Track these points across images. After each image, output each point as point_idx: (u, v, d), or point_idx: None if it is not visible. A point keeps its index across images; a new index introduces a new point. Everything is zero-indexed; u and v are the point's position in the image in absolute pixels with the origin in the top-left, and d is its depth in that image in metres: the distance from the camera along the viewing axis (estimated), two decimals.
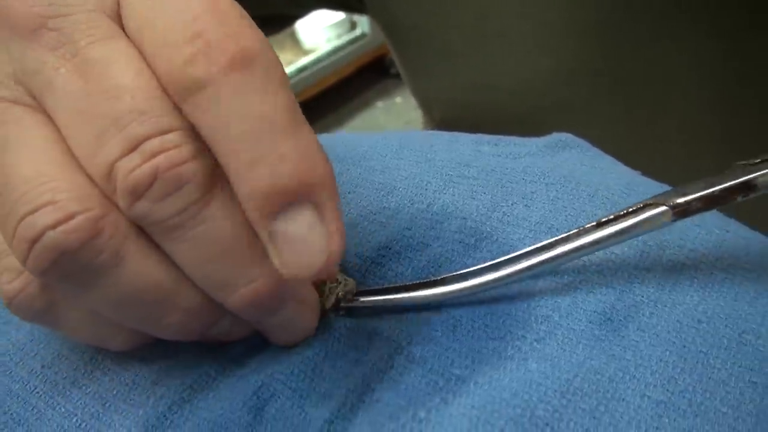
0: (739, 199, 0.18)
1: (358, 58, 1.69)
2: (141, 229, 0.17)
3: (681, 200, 0.18)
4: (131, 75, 0.16)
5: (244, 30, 0.16)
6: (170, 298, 0.17)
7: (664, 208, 0.18)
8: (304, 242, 0.16)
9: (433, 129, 0.51)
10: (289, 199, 0.16)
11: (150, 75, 0.16)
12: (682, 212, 0.18)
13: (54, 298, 0.18)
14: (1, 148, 0.17)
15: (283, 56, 1.60)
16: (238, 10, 0.16)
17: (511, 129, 0.33)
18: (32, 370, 0.21)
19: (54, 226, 0.15)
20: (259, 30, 0.16)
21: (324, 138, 0.31)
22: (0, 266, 0.18)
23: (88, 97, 0.16)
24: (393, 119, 1.70)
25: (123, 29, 0.17)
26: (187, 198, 0.16)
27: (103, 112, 0.16)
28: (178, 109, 0.16)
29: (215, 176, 0.16)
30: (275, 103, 0.16)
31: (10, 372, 0.21)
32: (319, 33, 1.63)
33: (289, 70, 1.57)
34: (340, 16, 1.61)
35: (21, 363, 0.21)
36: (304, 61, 1.61)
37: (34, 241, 0.16)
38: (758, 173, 0.18)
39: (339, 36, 1.64)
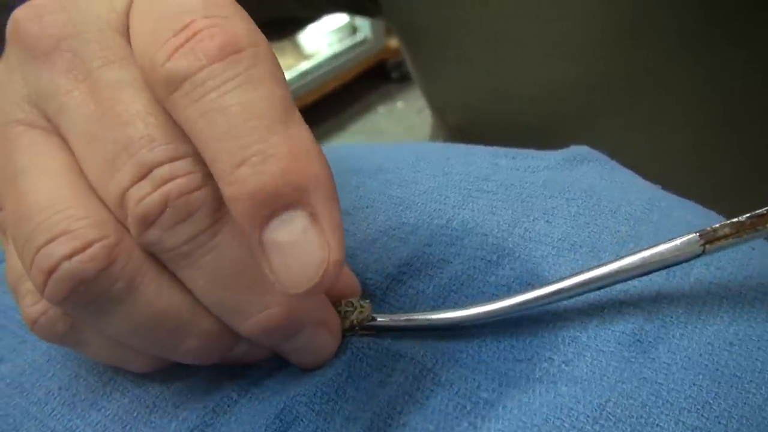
0: None
1: (359, 63, 1.69)
2: (155, 256, 0.17)
3: (709, 228, 0.18)
4: (143, 100, 0.16)
5: (232, 20, 0.15)
6: (186, 325, 0.17)
7: (692, 235, 0.18)
8: (297, 252, 0.14)
9: (446, 134, 0.51)
10: (279, 203, 0.14)
11: None
12: (709, 239, 0.18)
13: (75, 321, 0.18)
14: (17, 174, 0.17)
15: (284, 61, 1.60)
16: (231, 3, 0.16)
17: (528, 137, 0.33)
18: (49, 391, 0.20)
19: (70, 256, 0.15)
20: (251, 21, 0.16)
21: (336, 149, 0.31)
22: (22, 289, 0.18)
23: (100, 122, 0.16)
24: (394, 124, 1.70)
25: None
26: (197, 226, 0.16)
27: (114, 138, 0.16)
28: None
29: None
30: (263, 96, 0.14)
31: (27, 393, 0.21)
32: (321, 38, 1.63)
33: (290, 75, 1.56)
34: (341, 21, 1.60)
35: (38, 384, 0.21)
36: (305, 65, 1.60)
37: (51, 271, 0.15)
38: None
39: (340, 41, 1.64)
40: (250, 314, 0.17)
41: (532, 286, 0.19)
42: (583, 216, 0.23)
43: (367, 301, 0.21)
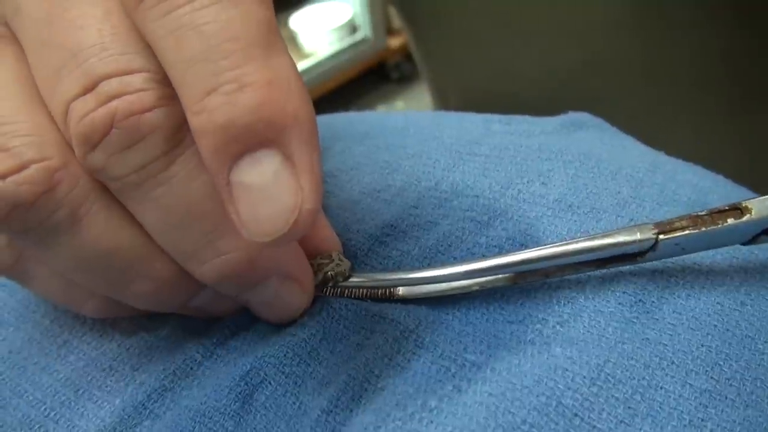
0: (730, 221, 0.16)
1: (359, 63, 1.67)
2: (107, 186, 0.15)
3: (666, 219, 0.16)
4: (104, 6, 0.14)
5: None
6: (137, 265, 0.15)
7: (647, 223, 0.16)
8: (266, 197, 0.13)
9: None
10: (251, 141, 0.13)
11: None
12: (664, 230, 0.16)
13: (23, 253, 0.16)
14: None
15: None
16: None
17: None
18: None
19: (4, 176, 0.14)
20: None
21: (323, 117, 0.30)
22: None
23: (52, 25, 0.14)
24: None
25: None
26: (148, 153, 0.14)
27: (63, 44, 0.14)
28: (150, 48, 0.14)
29: (186, 128, 0.14)
30: (244, 15, 0.13)
31: None
32: (320, 36, 1.62)
33: None
34: (342, 19, 1.59)
35: None
36: (304, 64, 1.59)
37: None
38: (754, 198, 0.16)
39: (340, 39, 1.63)
40: (206, 258, 0.15)
41: (466, 260, 0.17)
42: (582, 178, 0.22)
43: (348, 260, 0.19)
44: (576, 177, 0.22)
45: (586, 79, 0.38)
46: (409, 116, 0.28)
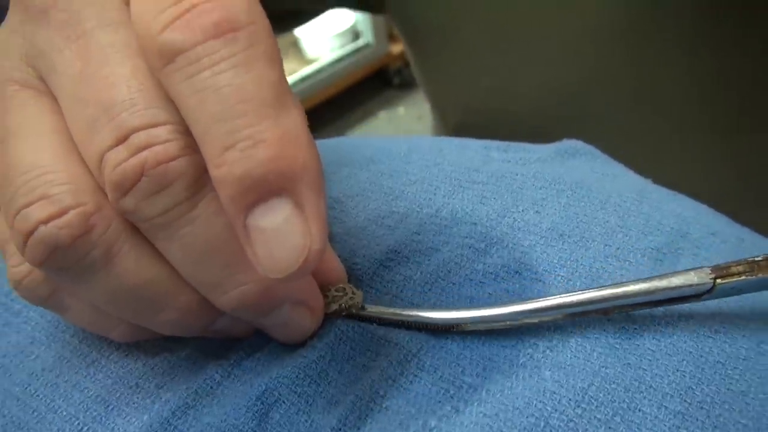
0: None
1: (361, 69, 1.69)
2: (136, 225, 0.17)
3: (722, 263, 0.18)
4: (131, 65, 0.16)
5: None
6: (164, 297, 0.17)
7: (703, 268, 0.18)
8: (279, 239, 0.15)
9: (445, 135, 0.51)
10: (265, 190, 0.14)
11: None
12: (721, 274, 0.17)
13: (58, 286, 0.18)
14: (6, 136, 0.17)
15: (286, 65, 1.58)
16: None
17: (527, 137, 0.33)
18: (33, 372, 0.20)
19: (47, 221, 0.15)
20: (255, 1, 0.15)
21: (329, 141, 0.31)
22: (9, 250, 0.18)
23: (85, 82, 0.16)
24: (395, 130, 1.70)
25: None
26: (174, 197, 0.16)
27: (96, 99, 0.15)
28: (172, 102, 0.15)
29: (206, 175, 0.16)
30: (257, 78, 0.14)
31: (10, 374, 0.20)
32: (323, 42, 1.63)
33: (291, 79, 1.56)
34: (344, 25, 1.61)
35: (21, 365, 0.21)
36: (306, 70, 1.60)
37: (29, 234, 0.15)
38: None
39: (342, 45, 1.64)
40: (227, 289, 0.17)
41: (529, 299, 0.19)
42: (573, 207, 0.23)
43: (360, 290, 0.21)
44: (568, 206, 0.23)
45: (583, 97, 0.39)
46: (411, 142, 0.29)
